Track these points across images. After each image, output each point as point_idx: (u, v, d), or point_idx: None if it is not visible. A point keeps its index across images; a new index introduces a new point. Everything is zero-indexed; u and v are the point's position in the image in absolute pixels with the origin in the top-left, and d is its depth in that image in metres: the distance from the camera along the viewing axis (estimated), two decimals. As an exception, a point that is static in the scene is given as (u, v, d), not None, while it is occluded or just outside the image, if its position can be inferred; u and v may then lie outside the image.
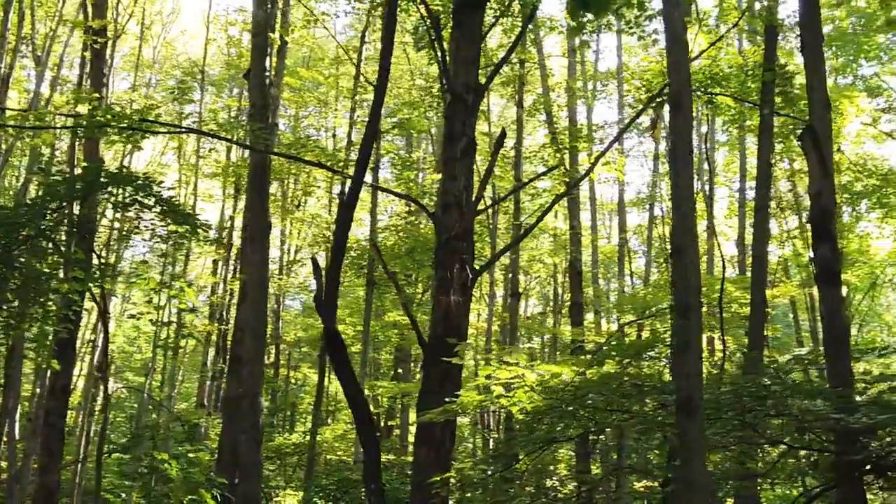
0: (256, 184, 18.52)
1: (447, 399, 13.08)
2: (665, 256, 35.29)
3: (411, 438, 34.74)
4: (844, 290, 34.74)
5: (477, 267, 15.84)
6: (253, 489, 17.42)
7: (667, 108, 20.20)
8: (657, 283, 31.55)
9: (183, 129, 18.11)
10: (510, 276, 30.62)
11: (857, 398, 9.88)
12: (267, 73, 18.95)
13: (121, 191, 16.18)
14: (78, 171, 20.89)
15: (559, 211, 33.47)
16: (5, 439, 24.22)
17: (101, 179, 15.59)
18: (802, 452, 11.27)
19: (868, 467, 9.77)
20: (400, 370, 35.48)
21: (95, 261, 18.36)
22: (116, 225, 26.08)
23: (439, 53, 16.47)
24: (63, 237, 17.45)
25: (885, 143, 34.14)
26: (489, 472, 12.59)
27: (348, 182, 29.28)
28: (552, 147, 23.74)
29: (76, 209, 17.74)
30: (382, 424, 35.66)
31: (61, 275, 16.93)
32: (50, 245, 16.16)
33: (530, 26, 25.13)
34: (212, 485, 17.46)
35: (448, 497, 13.86)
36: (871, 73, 32.45)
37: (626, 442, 24.60)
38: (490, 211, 27.92)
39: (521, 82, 28.13)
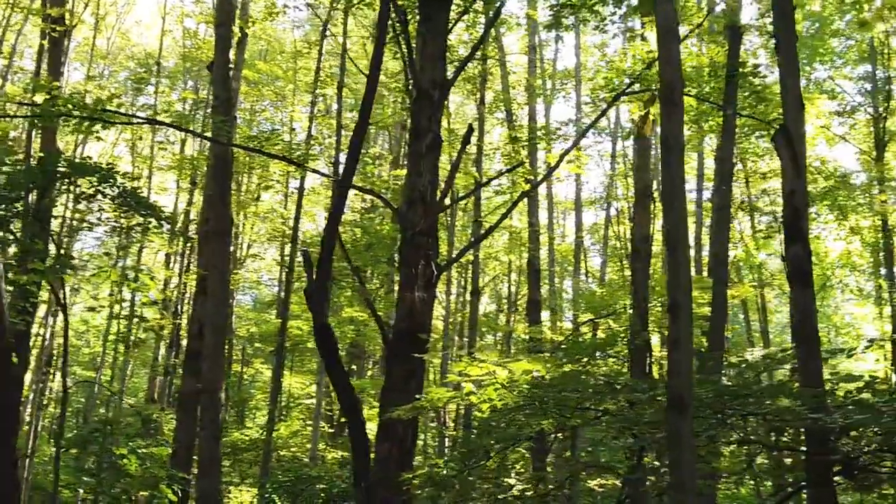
0: (218, 177, 18.32)
1: (417, 396, 13.03)
2: (620, 256, 35.47)
3: (369, 434, 34.59)
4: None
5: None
6: (212, 485, 17.24)
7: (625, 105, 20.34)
8: (614, 283, 31.69)
9: (145, 120, 17.82)
10: (471, 273, 30.60)
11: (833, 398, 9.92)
12: (231, 66, 18.75)
13: (83, 181, 15.91)
14: (34, 161, 20.58)
15: (516, 209, 33.52)
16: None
17: (63, 169, 15.32)
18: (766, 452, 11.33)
19: (839, 468, 9.81)
20: (354, 366, 35.35)
21: (53, 251, 18.09)
22: (67, 216, 25.76)
23: (405, 48, 16.39)
24: (19, 227, 17.14)
25: (836, 146, 34.52)
26: (460, 470, 12.50)
27: (310, 176, 29.31)
28: (517, 144, 23.73)
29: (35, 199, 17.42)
30: (336, 422, 35.53)
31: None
32: (8, 235, 15.86)
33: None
34: (172, 480, 17.23)
35: (411, 494, 13.81)
36: (825, 77, 32.86)
37: (578, 440, 24.72)
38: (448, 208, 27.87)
39: (483, 79, 28.10)
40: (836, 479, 9.97)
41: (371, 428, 37.50)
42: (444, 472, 12.77)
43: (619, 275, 35.52)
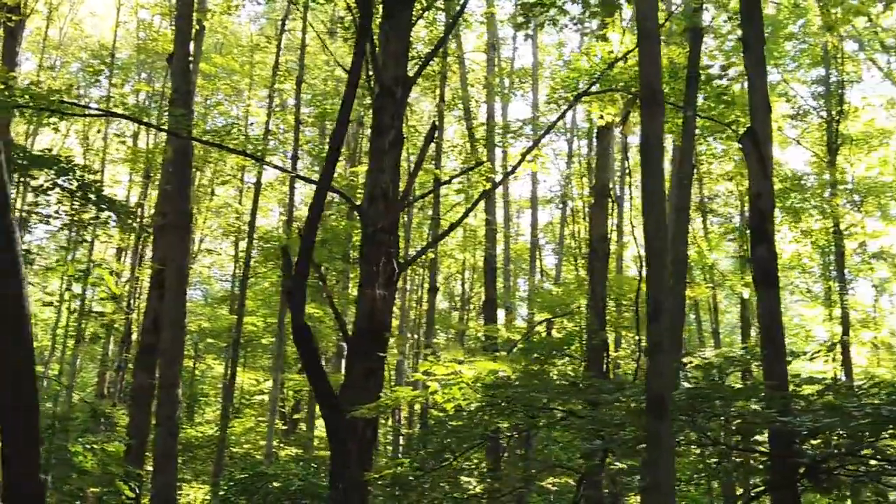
0: (178, 171, 18.11)
1: (380, 394, 12.98)
2: (575, 255, 35.57)
3: (317, 432, 34.46)
4: (746, 293, 35.60)
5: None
6: (168, 482, 17.01)
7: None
8: (569, 283, 31.77)
9: (103, 113, 17.62)
10: (424, 270, 30.56)
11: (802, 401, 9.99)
12: (190, 59, 18.54)
13: (38, 173, 15.64)
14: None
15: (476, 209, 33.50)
16: None
17: (20, 161, 15.05)
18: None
19: (803, 470, 9.87)
20: (307, 363, 35.10)
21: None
22: (19, 208, 25.32)
23: (367, 46, 16.31)
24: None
25: (789, 149, 34.94)
26: (426, 471, 12.46)
27: (267, 170, 29.13)
28: (478, 142, 23.73)
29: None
30: (288, 419, 35.36)
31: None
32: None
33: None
34: (129, 477, 16.98)
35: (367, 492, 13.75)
36: (779, 80, 33.16)
37: (532, 439, 24.77)
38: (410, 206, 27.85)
39: (443, 76, 27.98)
40: (800, 482, 10.03)
41: (320, 424, 37.31)
42: (405, 471, 12.71)
43: (574, 274, 35.63)
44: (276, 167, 18.10)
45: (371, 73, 16.70)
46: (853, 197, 31.93)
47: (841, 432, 9.40)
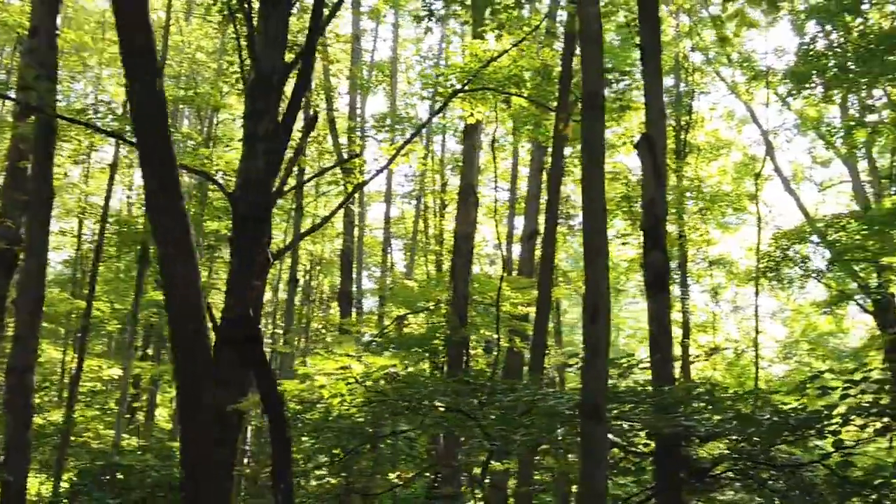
0: (41, 150, 17.28)
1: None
2: (425, 251, 35.65)
3: (159, 421, 33.66)
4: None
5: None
6: (20, 476, 16.19)
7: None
8: (423, 279, 31.77)
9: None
10: (290, 261, 30.12)
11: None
12: (58, 32, 17.72)
13: None
14: None
15: (329, 201, 33.22)
16: None
17: None
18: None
19: (687, 474, 10.07)
20: (150, 350, 34.36)
21: None
22: None
23: (245, 30, 15.93)
24: None
25: (634, 154, 35.75)
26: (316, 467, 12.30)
27: (121, 148, 28.15)
28: (344, 134, 23.46)
29: None
30: (130, 407, 34.37)
31: None
32: None
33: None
34: (-15, 468, 16.09)
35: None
36: (628, 87, 33.87)
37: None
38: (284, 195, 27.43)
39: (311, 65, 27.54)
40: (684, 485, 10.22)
41: (162, 413, 36.31)
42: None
43: (423, 269, 35.72)
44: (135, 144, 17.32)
45: (245, 57, 16.31)
46: (697, 205, 32.96)
47: (735, 437, 9.62)
